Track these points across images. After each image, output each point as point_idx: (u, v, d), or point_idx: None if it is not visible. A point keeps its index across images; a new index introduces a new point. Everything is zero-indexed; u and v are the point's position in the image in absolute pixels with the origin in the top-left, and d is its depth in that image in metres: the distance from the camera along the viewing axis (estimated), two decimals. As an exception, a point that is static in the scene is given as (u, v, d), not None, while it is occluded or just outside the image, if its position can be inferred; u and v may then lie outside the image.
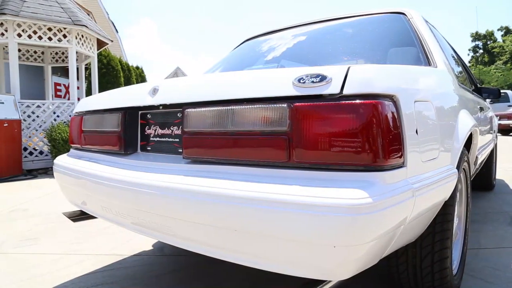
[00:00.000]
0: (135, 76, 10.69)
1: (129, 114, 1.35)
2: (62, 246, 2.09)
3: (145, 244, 2.09)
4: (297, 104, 0.82)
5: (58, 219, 2.65)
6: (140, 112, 1.36)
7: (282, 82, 0.86)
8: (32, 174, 5.12)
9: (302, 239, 0.74)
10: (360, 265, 0.78)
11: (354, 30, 1.75)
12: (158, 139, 1.28)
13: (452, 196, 1.18)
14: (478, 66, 31.36)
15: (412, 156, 0.86)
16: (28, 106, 5.50)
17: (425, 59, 1.42)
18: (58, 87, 9.09)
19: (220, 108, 0.96)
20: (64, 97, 9.16)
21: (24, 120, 5.42)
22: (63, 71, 8.82)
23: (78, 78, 7.33)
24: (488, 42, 33.99)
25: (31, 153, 5.40)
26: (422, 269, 1.22)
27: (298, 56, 1.82)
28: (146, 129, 1.33)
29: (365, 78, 0.79)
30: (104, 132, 1.43)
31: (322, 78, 0.81)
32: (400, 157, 0.81)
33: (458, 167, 1.23)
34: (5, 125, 4.78)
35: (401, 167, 0.82)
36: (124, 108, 1.35)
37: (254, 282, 1.54)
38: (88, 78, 8.52)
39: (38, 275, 1.69)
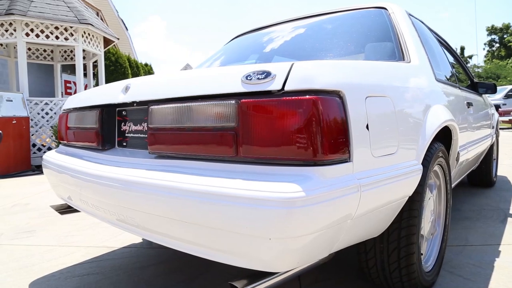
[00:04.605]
0: (143, 73, 10.84)
1: (107, 111, 1.39)
2: (56, 238, 2.17)
3: (136, 237, 2.15)
4: (243, 100, 0.84)
5: (55, 212, 2.73)
6: (117, 109, 1.40)
7: (232, 79, 0.88)
8: (40, 169, 5.28)
9: (241, 231, 0.76)
10: (301, 258, 0.80)
11: (334, 26, 1.74)
12: (132, 135, 1.32)
13: (418, 192, 1.18)
14: (494, 60, 30.33)
15: (360, 151, 0.87)
16: (36, 103, 5.67)
17: (400, 54, 1.41)
18: (68, 85, 9.32)
19: (177, 105, 0.99)
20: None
21: (34, 117, 5.58)
22: (73, 69, 9.02)
23: (86, 76, 7.49)
24: (505, 36, 32.74)
25: (39, 149, 5.56)
26: (390, 265, 1.23)
27: (281, 51, 1.83)
28: (122, 125, 1.38)
29: (306, 74, 0.81)
30: (85, 128, 1.49)
31: (267, 74, 0.82)
32: (343, 152, 0.82)
33: (426, 163, 1.22)
34: (13, 122, 4.94)
35: (345, 161, 0.83)
36: (101, 105, 1.39)
37: (235, 274, 1.58)
38: (97, 75, 8.67)
39: (29, 265, 1.77)
